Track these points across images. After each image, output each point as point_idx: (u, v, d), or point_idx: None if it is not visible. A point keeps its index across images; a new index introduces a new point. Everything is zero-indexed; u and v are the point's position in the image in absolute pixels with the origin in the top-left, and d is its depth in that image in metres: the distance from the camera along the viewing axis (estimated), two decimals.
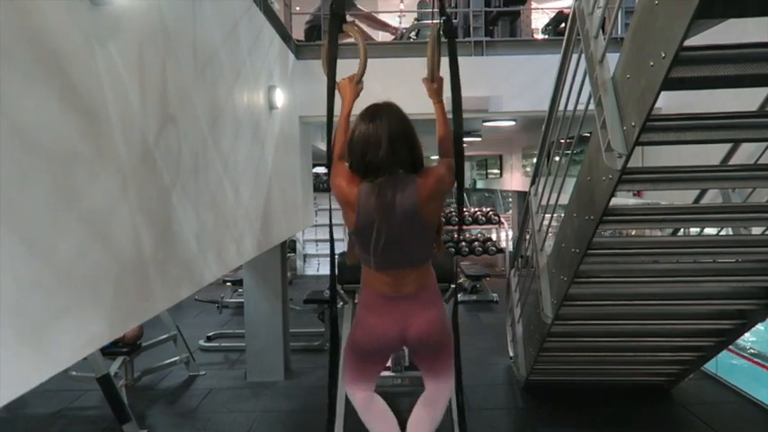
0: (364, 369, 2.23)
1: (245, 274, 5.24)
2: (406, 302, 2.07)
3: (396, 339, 2.09)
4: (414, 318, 2.06)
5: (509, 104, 5.11)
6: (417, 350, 2.17)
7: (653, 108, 1.90)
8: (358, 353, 2.19)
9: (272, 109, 3.95)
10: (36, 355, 1.30)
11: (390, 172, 1.94)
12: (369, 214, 1.95)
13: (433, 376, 2.24)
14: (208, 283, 2.51)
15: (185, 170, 2.29)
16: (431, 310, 2.09)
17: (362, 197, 1.96)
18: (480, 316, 7.79)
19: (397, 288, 2.06)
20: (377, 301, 2.10)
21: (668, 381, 4.56)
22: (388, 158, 1.92)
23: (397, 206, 1.94)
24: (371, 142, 1.93)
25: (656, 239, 3.38)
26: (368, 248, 2.01)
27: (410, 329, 2.07)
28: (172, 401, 4.76)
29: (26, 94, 1.29)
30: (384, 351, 2.19)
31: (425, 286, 2.10)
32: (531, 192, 4.12)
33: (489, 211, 11.07)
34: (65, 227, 1.43)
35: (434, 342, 2.12)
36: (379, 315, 2.08)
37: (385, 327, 2.08)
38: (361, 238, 2.03)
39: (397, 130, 1.96)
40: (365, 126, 1.97)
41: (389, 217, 1.94)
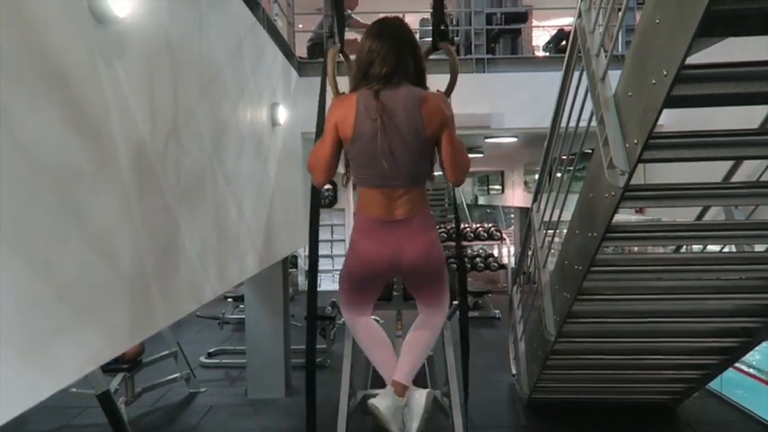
0: (360, 295, 2.23)
1: (246, 290, 5.23)
2: (400, 228, 2.01)
3: (390, 265, 2.05)
4: (407, 244, 2.02)
5: (511, 121, 5.13)
6: (411, 277, 2.16)
7: (655, 125, 1.91)
8: (353, 279, 2.17)
9: (274, 125, 3.97)
10: (37, 373, 1.29)
11: (395, 81, 1.93)
12: (370, 117, 1.88)
13: (426, 302, 2.24)
14: (209, 299, 2.50)
15: (188, 187, 2.30)
16: (424, 236, 2.05)
17: (363, 100, 1.91)
18: (482, 333, 7.74)
19: (391, 211, 2.00)
20: (371, 225, 2.05)
21: (673, 399, 4.52)
22: (393, 70, 1.92)
23: (400, 111, 1.90)
24: (379, 55, 1.94)
25: (659, 257, 3.38)
26: (365, 161, 1.96)
27: (404, 256, 2.02)
28: (172, 419, 4.73)
29: (30, 111, 1.30)
30: (378, 277, 2.17)
31: (419, 211, 2.04)
32: (533, 208, 4.11)
33: (491, 226, 11.05)
34: (67, 244, 1.43)
35: (428, 268, 2.09)
36: (374, 240, 2.04)
37: (379, 252, 2.03)
38: (358, 147, 1.95)
39: (403, 43, 1.97)
40: (372, 41, 1.97)
41: (391, 122, 1.88)
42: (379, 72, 1.92)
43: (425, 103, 1.91)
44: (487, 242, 10.79)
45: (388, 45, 1.94)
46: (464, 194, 20.54)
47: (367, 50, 1.97)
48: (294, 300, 8.24)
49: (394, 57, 1.93)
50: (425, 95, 1.94)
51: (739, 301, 3.17)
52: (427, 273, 2.12)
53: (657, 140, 2.06)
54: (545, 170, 3.82)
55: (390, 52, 1.93)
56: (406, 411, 2.11)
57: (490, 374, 5.68)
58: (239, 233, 3.07)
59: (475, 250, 10.92)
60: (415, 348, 2.22)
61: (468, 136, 6.94)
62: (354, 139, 1.93)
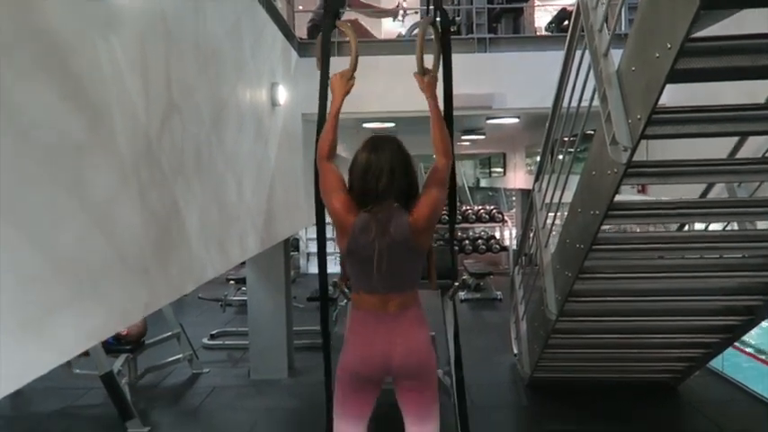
0: (353, 400, 2.18)
1: (248, 272, 5.24)
2: (392, 319, 2.10)
3: (382, 361, 2.08)
4: (398, 336, 2.09)
5: (513, 101, 5.08)
6: (401, 375, 2.13)
7: (658, 100, 1.88)
8: (346, 378, 2.16)
9: (274, 106, 3.94)
10: (38, 347, 1.29)
11: (386, 202, 2.03)
12: (362, 243, 2.03)
13: (416, 414, 2.18)
14: (210, 278, 2.49)
15: (188, 165, 2.28)
16: (415, 331, 2.12)
17: (358, 225, 2.03)
18: (484, 314, 7.77)
19: (383, 308, 2.11)
20: (365, 318, 2.14)
21: (674, 378, 4.54)
22: (387, 188, 2.01)
23: (391, 236, 2.02)
24: (373, 171, 2.01)
25: (661, 235, 3.36)
26: (359, 272, 2.12)
27: (396, 349, 2.08)
28: (175, 399, 4.76)
29: (26, 87, 1.28)
30: (372, 375, 2.13)
31: (411, 306, 2.15)
32: (534, 188, 4.10)
33: (493, 209, 11.05)
34: (65, 220, 1.42)
35: (418, 367, 2.11)
36: (366, 334, 2.12)
37: (372, 345, 2.09)
38: (352, 260, 2.13)
39: (397, 161, 2.04)
40: (367, 156, 2.05)
41: (383, 246, 2.02)
42: (374, 190, 2.01)
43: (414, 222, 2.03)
44: (489, 224, 10.80)
45: (381, 162, 2.02)
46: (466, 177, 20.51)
47: (361, 165, 2.05)
48: (296, 282, 8.28)
49: (387, 180, 2.01)
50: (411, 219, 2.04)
51: (742, 279, 3.16)
52: (418, 370, 2.12)
53: (661, 116, 2.04)
54: (547, 150, 3.80)
55: (384, 175, 2.01)
56: None
57: (492, 355, 5.71)
58: (240, 213, 3.06)
59: (477, 232, 10.94)
60: None
61: (470, 117, 6.91)
62: (349, 252, 2.10)
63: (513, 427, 4.23)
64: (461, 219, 10.74)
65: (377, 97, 4.76)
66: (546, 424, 4.17)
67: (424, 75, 2.29)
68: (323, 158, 2.20)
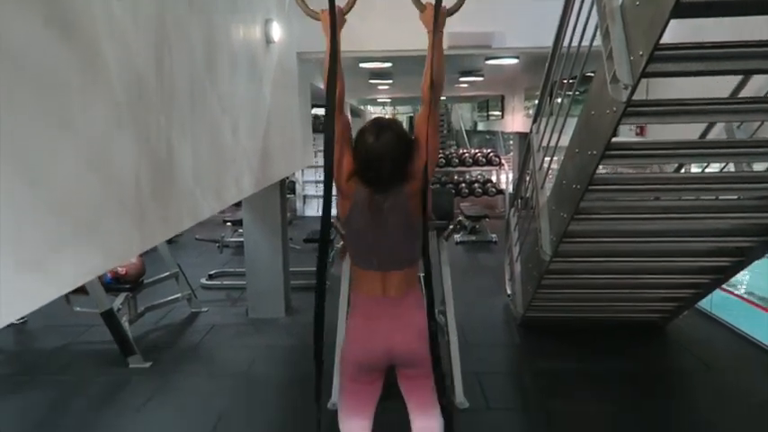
0: (358, 389, 2.20)
1: (245, 214, 5.25)
2: (392, 305, 2.11)
3: (384, 348, 2.10)
4: (399, 324, 2.11)
5: (512, 41, 4.97)
6: (403, 363, 2.15)
7: (662, 36, 1.84)
8: (351, 365, 2.17)
9: (268, 43, 3.84)
10: (37, 279, 1.30)
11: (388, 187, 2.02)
12: (361, 219, 2.05)
13: (418, 401, 2.20)
14: (206, 217, 2.50)
15: (181, 103, 2.24)
16: (415, 316, 2.13)
17: (358, 200, 2.04)
18: (479, 256, 7.86)
19: (383, 288, 2.12)
20: (365, 303, 2.15)
21: (663, 317, 4.64)
22: (389, 177, 2.00)
23: (389, 214, 2.04)
24: (375, 160, 1.99)
25: (657, 176, 3.36)
26: (359, 248, 2.13)
27: (396, 337, 2.10)
28: (175, 337, 4.86)
29: (17, 22, 1.24)
30: (374, 365, 2.15)
31: (410, 290, 2.15)
32: (532, 130, 4.06)
33: (490, 152, 10.99)
34: (60, 157, 1.40)
35: (419, 351, 2.11)
36: (368, 319, 2.13)
37: (373, 328, 2.11)
38: (350, 232, 2.14)
39: (399, 150, 2.00)
40: (370, 141, 2.00)
41: (383, 225, 2.04)
42: (376, 178, 2.00)
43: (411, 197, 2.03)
44: (486, 167, 10.76)
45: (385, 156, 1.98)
46: (463, 120, 20.32)
47: (365, 152, 2.01)
48: (292, 224, 8.30)
49: (390, 169, 1.98)
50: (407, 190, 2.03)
51: (735, 220, 3.18)
52: (420, 358, 2.11)
53: (663, 52, 1.99)
54: (545, 92, 3.75)
55: (386, 164, 1.98)
56: None
57: (486, 296, 5.81)
58: (235, 153, 3.04)
59: (473, 176, 10.91)
60: None
61: (469, 57, 6.77)
62: (348, 221, 2.11)
63: (506, 364, 4.35)
64: (458, 162, 10.68)
65: (374, 36, 4.64)
66: (537, 361, 4.29)
67: (422, 11, 2.13)
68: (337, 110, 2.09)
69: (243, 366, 4.18)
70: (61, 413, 3.54)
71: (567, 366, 4.12)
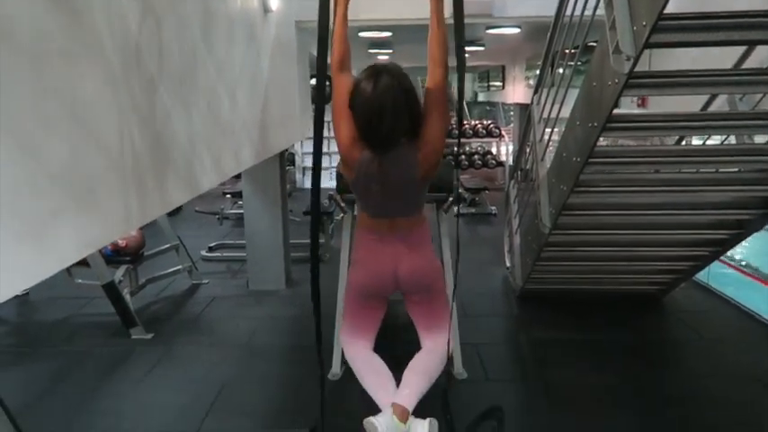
0: (363, 314, 2.25)
1: (244, 186, 5.24)
2: (398, 239, 2.14)
3: (389, 277, 2.14)
4: (405, 255, 2.13)
5: (514, 9, 4.90)
6: (410, 289, 2.19)
7: (666, 5, 1.81)
8: (356, 291, 2.23)
9: (266, 12, 3.78)
10: (37, 254, 1.30)
11: (392, 142, 1.97)
12: (367, 179, 2.03)
13: (426, 324, 2.23)
14: (205, 189, 2.49)
15: (178, 73, 2.22)
16: (421, 249, 2.16)
17: (364, 163, 2.02)
18: (478, 229, 7.88)
19: (390, 228, 2.14)
20: (370, 238, 2.17)
21: (660, 289, 4.67)
22: (391, 129, 1.94)
23: (396, 175, 2.01)
24: (375, 112, 1.91)
25: (658, 148, 3.35)
26: (365, 201, 2.14)
27: (401, 266, 2.13)
28: (176, 308, 4.90)
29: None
30: (381, 289, 2.20)
31: (416, 227, 2.17)
32: (533, 101, 4.03)
33: (490, 123, 10.91)
34: (56, 128, 1.39)
35: (425, 280, 2.17)
36: (373, 251, 2.16)
37: (378, 262, 2.14)
38: (357, 190, 2.13)
39: (399, 98, 1.93)
40: (369, 91, 1.92)
41: (388, 183, 2.03)
42: (378, 131, 1.93)
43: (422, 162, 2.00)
44: (486, 139, 10.69)
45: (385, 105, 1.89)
46: None
47: (364, 105, 1.93)
48: (292, 196, 8.29)
49: (391, 120, 1.90)
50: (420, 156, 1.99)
51: (735, 193, 3.18)
52: (425, 283, 2.17)
53: (667, 23, 1.96)
54: (547, 62, 3.70)
55: (387, 114, 1.90)
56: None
57: (485, 268, 5.83)
58: (234, 124, 3.01)
59: (473, 147, 10.85)
60: (420, 371, 2.10)
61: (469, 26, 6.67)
62: (353, 184, 2.11)
63: (504, 334, 4.40)
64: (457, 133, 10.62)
65: (373, 4, 4.57)
66: (534, 332, 4.33)
67: None
68: (335, 70, 2.08)
69: (244, 337, 4.23)
70: (63, 384, 3.59)
71: (565, 337, 4.16)
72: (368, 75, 1.96)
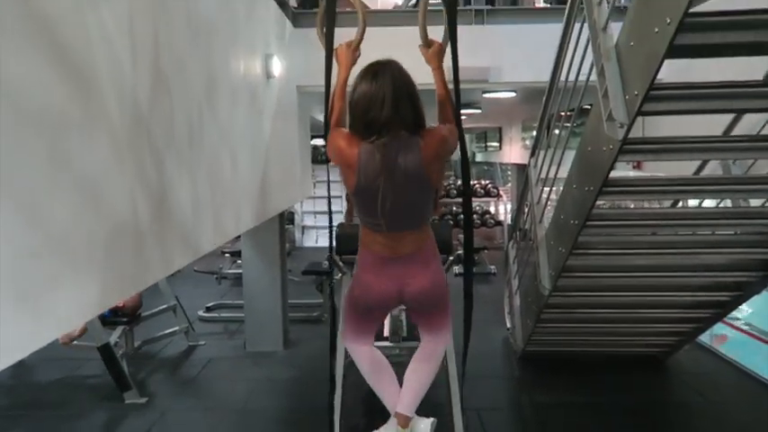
0: (363, 325, 2.26)
1: (243, 245, 5.25)
2: (404, 263, 2.05)
3: (393, 298, 2.11)
4: (411, 278, 2.06)
5: (510, 75, 5.04)
6: (414, 306, 2.19)
7: (656, 76, 1.87)
8: (357, 309, 2.22)
9: (269, 78, 3.90)
10: (34, 321, 1.30)
11: (393, 132, 1.89)
12: (370, 175, 1.90)
13: (428, 330, 2.27)
14: (206, 252, 2.50)
15: (181, 138, 2.27)
16: (428, 269, 2.09)
17: (363, 158, 1.90)
18: (478, 288, 7.76)
19: (395, 249, 2.04)
20: (375, 261, 2.08)
21: (663, 352, 4.61)
22: (391, 117, 1.87)
23: (401, 167, 1.90)
24: (374, 100, 1.87)
25: (654, 211, 3.38)
26: (368, 210, 1.98)
27: (407, 289, 2.07)
28: (172, 371, 4.81)
29: (16, 59, 1.26)
30: (382, 308, 2.23)
31: (423, 246, 2.08)
32: (530, 163, 4.10)
33: (488, 183, 11.04)
34: (59, 193, 1.41)
35: (431, 300, 2.14)
36: (377, 275, 2.08)
37: (382, 286, 2.09)
38: (361, 199, 1.99)
39: (400, 87, 1.90)
40: (367, 84, 1.91)
41: (393, 177, 1.89)
42: (377, 120, 1.87)
43: (425, 148, 1.92)
44: (484, 199, 10.79)
45: (384, 93, 1.87)
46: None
47: (362, 95, 1.91)
48: (291, 255, 8.28)
49: (391, 107, 1.87)
50: (423, 143, 1.92)
51: (733, 255, 3.19)
52: (431, 303, 2.16)
53: (658, 92, 2.03)
54: (543, 125, 3.79)
55: (387, 102, 1.86)
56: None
57: (485, 328, 5.75)
58: (235, 186, 3.05)
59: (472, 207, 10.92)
60: (418, 379, 2.24)
61: (466, 91, 6.85)
62: (356, 191, 1.97)
63: (505, 398, 4.30)
64: (456, 193, 10.72)
65: None
66: (536, 394, 4.24)
67: (428, 46, 2.18)
68: (334, 126, 2.10)
69: (241, 400, 4.13)
70: None
71: (568, 400, 4.07)
72: (365, 73, 1.96)
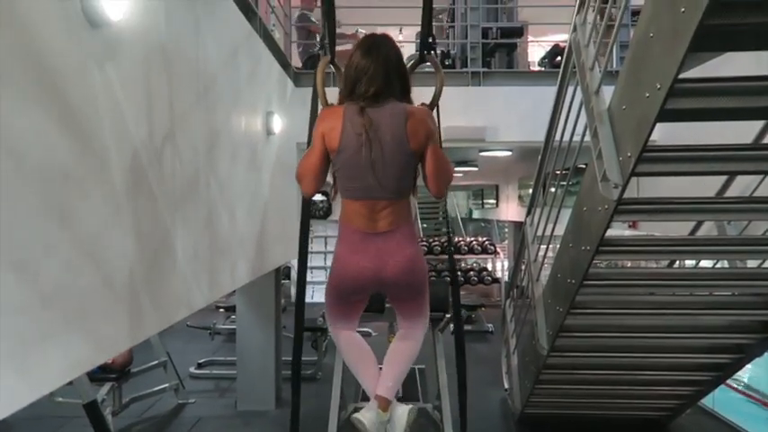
0: (344, 309, 2.24)
1: (238, 301, 5.19)
2: (382, 240, 2.05)
3: (373, 278, 2.08)
4: (390, 257, 2.05)
5: (505, 134, 5.14)
6: (393, 289, 2.17)
7: (649, 139, 1.91)
8: (337, 292, 2.19)
9: (269, 135, 3.96)
10: (20, 379, 1.27)
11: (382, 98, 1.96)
12: (357, 130, 1.93)
13: (407, 315, 2.25)
14: (200, 307, 2.47)
15: (180, 193, 2.28)
16: (406, 249, 2.08)
17: (349, 115, 1.95)
18: (475, 347, 7.70)
19: (373, 223, 2.04)
20: (354, 237, 2.08)
21: (665, 415, 4.49)
22: (381, 89, 1.95)
23: (385, 126, 1.94)
24: (368, 74, 1.96)
25: (652, 271, 3.38)
26: (351, 172, 1.99)
27: (386, 268, 2.06)
28: (160, 430, 4.66)
29: (21, 114, 1.28)
30: (362, 290, 2.18)
31: (402, 223, 2.08)
32: (526, 222, 4.11)
33: (485, 240, 11.05)
34: (54, 249, 1.40)
35: (410, 282, 2.12)
36: (356, 252, 2.07)
37: (362, 264, 2.06)
38: (344, 159, 1.98)
39: (393, 63, 2.00)
40: (361, 58, 1.99)
41: (378, 135, 1.93)
42: (366, 91, 1.95)
43: (410, 118, 1.96)
44: (481, 256, 10.78)
45: (376, 64, 1.96)
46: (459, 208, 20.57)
47: (355, 67, 2.00)
48: (286, 311, 8.17)
49: (381, 76, 1.96)
50: (410, 110, 1.99)
51: (732, 317, 3.16)
52: (410, 286, 2.14)
53: (651, 154, 2.06)
54: (539, 183, 3.83)
55: (378, 72, 1.96)
56: (389, 427, 2.09)
57: (482, 389, 5.63)
58: (231, 242, 3.05)
59: (469, 264, 10.91)
60: (397, 362, 2.23)
61: (463, 149, 6.97)
62: (340, 150, 1.97)
63: None
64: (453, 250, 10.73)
65: None
66: None
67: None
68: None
69: None
70: None
71: None
72: (361, 45, 2.04)
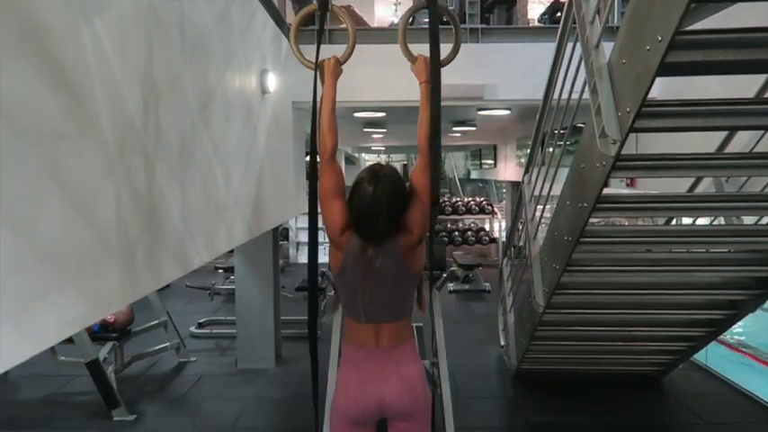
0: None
1: (236, 261, 5.22)
2: (385, 355, 2.09)
3: (376, 400, 2.06)
4: (391, 374, 2.07)
5: (504, 93, 5.07)
6: (396, 416, 2.11)
7: (648, 93, 1.88)
8: (340, 420, 2.13)
9: (264, 93, 3.90)
10: (19, 334, 1.27)
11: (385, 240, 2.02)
12: (353, 272, 2.04)
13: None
14: (196, 266, 2.48)
15: (173, 152, 2.26)
16: (408, 367, 2.10)
17: (352, 250, 2.03)
18: (472, 305, 7.80)
19: (377, 339, 2.10)
20: (356, 354, 2.12)
21: (658, 371, 4.58)
22: (384, 230, 2.00)
23: (382, 267, 2.02)
24: (370, 213, 1.99)
25: (648, 228, 3.38)
26: (350, 301, 2.10)
27: (387, 387, 2.06)
28: (161, 388, 4.74)
29: (8, 71, 1.25)
30: (365, 416, 2.10)
31: (404, 340, 2.13)
32: (524, 180, 4.10)
33: (483, 200, 11.06)
34: (48, 207, 1.39)
35: (413, 404, 2.08)
36: (359, 371, 2.10)
37: (364, 385, 2.07)
38: (343, 285, 2.12)
39: (395, 202, 2.01)
40: (365, 195, 2.00)
41: (375, 277, 2.02)
42: (371, 230, 2.00)
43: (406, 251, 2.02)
44: (479, 216, 10.81)
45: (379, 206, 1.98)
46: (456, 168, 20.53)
47: (362, 205, 2.01)
48: (284, 271, 8.25)
49: (384, 218, 1.98)
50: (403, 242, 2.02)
51: (727, 273, 3.19)
52: (413, 411, 2.09)
53: (650, 109, 2.04)
54: (537, 142, 3.80)
55: (381, 213, 1.98)
56: None
57: (479, 346, 5.73)
58: (227, 201, 3.04)
59: (466, 224, 10.95)
60: None
61: (461, 108, 6.90)
62: (341, 273, 2.09)
63: (498, 418, 4.26)
64: (451, 210, 10.74)
65: (368, 86, 4.73)
66: (530, 415, 4.20)
67: (413, 61, 2.22)
68: (324, 159, 2.11)
69: (231, 419, 4.07)
70: None
71: (562, 421, 4.03)
72: (368, 178, 2.04)
